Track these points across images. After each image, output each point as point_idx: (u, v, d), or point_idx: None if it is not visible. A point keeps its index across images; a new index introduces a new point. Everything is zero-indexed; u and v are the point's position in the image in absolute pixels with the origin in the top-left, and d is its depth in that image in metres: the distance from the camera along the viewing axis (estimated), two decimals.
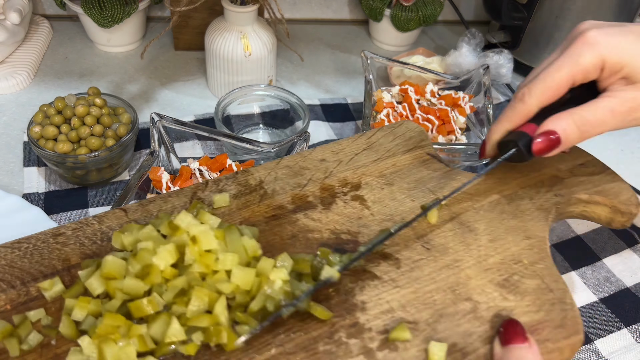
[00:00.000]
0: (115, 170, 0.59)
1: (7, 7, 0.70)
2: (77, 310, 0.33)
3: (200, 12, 0.77)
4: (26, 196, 0.56)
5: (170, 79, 0.77)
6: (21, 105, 0.69)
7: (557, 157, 0.49)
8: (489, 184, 0.47)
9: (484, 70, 0.66)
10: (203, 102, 0.74)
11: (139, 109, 0.70)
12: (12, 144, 0.63)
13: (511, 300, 0.37)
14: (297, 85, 0.79)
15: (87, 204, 0.57)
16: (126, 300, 0.34)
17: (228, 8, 0.66)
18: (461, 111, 0.65)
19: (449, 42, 0.95)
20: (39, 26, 0.80)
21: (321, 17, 0.95)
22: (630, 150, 0.77)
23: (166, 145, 0.54)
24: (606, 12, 0.77)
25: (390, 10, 0.84)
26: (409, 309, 0.36)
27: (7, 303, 0.35)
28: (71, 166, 0.55)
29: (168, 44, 0.83)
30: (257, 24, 0.69)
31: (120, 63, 0.79)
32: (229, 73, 0.70)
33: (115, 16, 0.73)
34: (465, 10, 0.99)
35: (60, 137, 0.55)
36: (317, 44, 0.89)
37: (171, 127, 0.54)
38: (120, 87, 0.74)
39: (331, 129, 0.70)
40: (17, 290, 0.35)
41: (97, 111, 0.57)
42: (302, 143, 0.54)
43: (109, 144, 0.56)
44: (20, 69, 0.72)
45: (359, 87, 0.81)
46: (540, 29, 0.81)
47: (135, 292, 0.33)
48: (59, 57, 0.78)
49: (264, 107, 0.69)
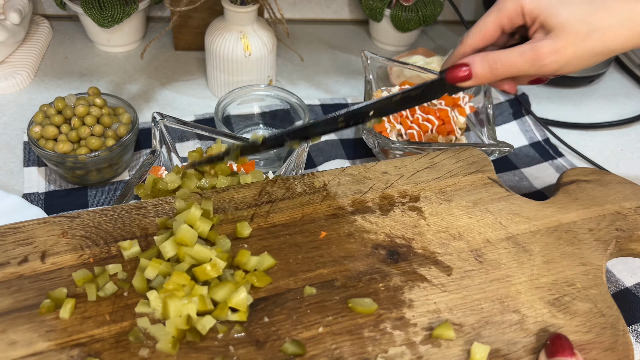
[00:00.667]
0: (115, 170, 0.59)
1: (7, 7, 0.70)
2: (149, 269, 0.38)
3: (200, 12, 0.77)
4: (26, 196, 0.56)
5: (171, 79, 0.77)
6: (21, 105, 0.69)
7: (620, 195, 0.51)
8: (550, 211, 0.48)
9: None
10: (203, 102, 0.74)
11: (139, 109, 0.70)
12: (12, 144, 0.63)
13: (560, 319, 0.39)
14: (297, 85, 0.79)
15: (87, 204, 0.57)
16: (193, 265, 0.38)
17: (228, 8, 0.66)
18: (461, 111, 0.65)
19: (449, 42, 0.95)
20: (39, 26, 0.80)
21: (321, 17, 0.95)
22: (630, 150, 0.77)
23: (167, 145, 0.54)
24: None
25: (390, 11, 0.84)
26: (455, 312, 0.38)
27: (90, 257, 0.40)
28: (71, 166, 0.55)
29: (168, 44, 0.83)
30: (257, 24, 0.69)
31: (121, 63, 0.79)
32: (229, 73, 0.70)
33: (115, 16, 0.73)
34: (465, 10, 0.99)
35: (61, 137, 0.55)
36: (317, 44, 0.89)
37: (172, 126, 0.54)
38: (120, 87, 0.74)
39: None
40: (100, 248, 0.40)
41: (97, 111, 0.57)
42: (302, 144, 0.54)
43: (109, 144, 0.56)
44: (20, 69, 0.72)
45: (359, 87, 0.81)
46: None
47: (202, 258, 0.38)
48: (59, 57, 0.78)
49: (263, 107, 0.69)
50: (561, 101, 0.84)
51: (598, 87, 0.89)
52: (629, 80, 0.92)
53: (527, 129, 0.76)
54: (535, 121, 0.76)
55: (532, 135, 0.75)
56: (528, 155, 0.72)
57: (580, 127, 0.79)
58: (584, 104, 0.84)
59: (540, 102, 0.83)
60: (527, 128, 0.76)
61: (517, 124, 0.76)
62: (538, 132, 0.75)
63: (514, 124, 0.76)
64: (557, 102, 0.84)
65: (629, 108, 0.85)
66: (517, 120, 0.76)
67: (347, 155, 0.67)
